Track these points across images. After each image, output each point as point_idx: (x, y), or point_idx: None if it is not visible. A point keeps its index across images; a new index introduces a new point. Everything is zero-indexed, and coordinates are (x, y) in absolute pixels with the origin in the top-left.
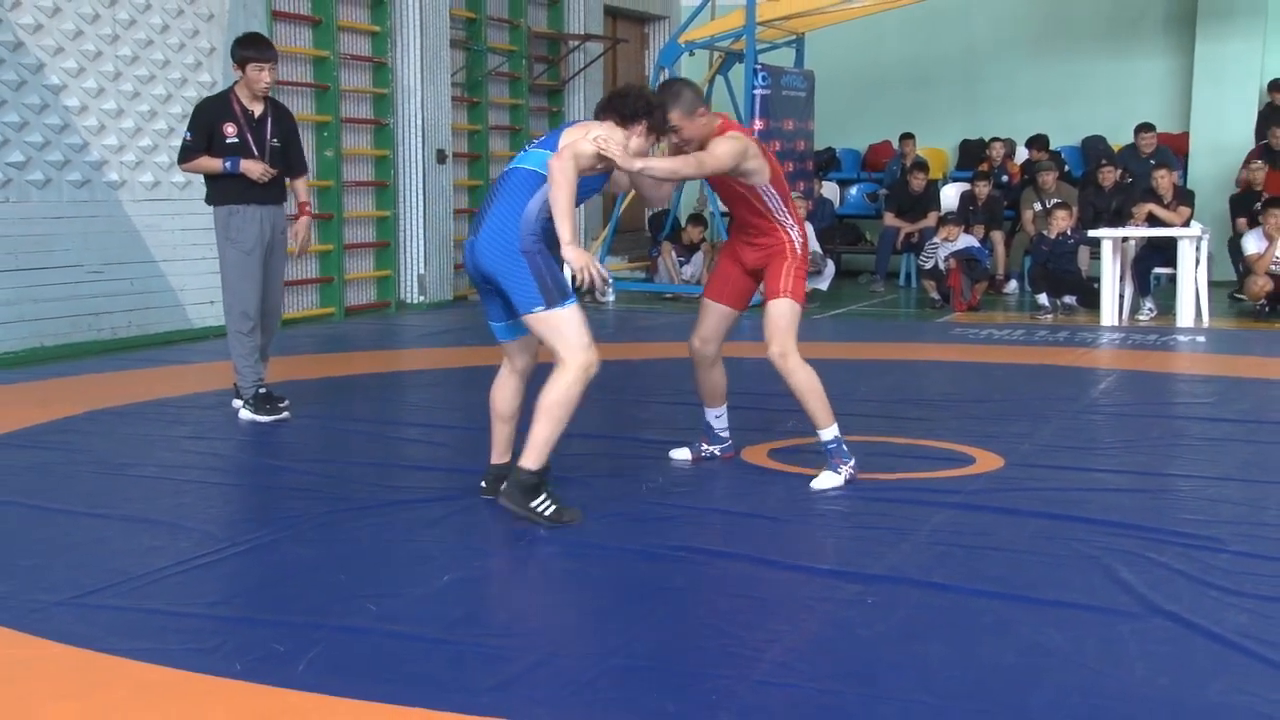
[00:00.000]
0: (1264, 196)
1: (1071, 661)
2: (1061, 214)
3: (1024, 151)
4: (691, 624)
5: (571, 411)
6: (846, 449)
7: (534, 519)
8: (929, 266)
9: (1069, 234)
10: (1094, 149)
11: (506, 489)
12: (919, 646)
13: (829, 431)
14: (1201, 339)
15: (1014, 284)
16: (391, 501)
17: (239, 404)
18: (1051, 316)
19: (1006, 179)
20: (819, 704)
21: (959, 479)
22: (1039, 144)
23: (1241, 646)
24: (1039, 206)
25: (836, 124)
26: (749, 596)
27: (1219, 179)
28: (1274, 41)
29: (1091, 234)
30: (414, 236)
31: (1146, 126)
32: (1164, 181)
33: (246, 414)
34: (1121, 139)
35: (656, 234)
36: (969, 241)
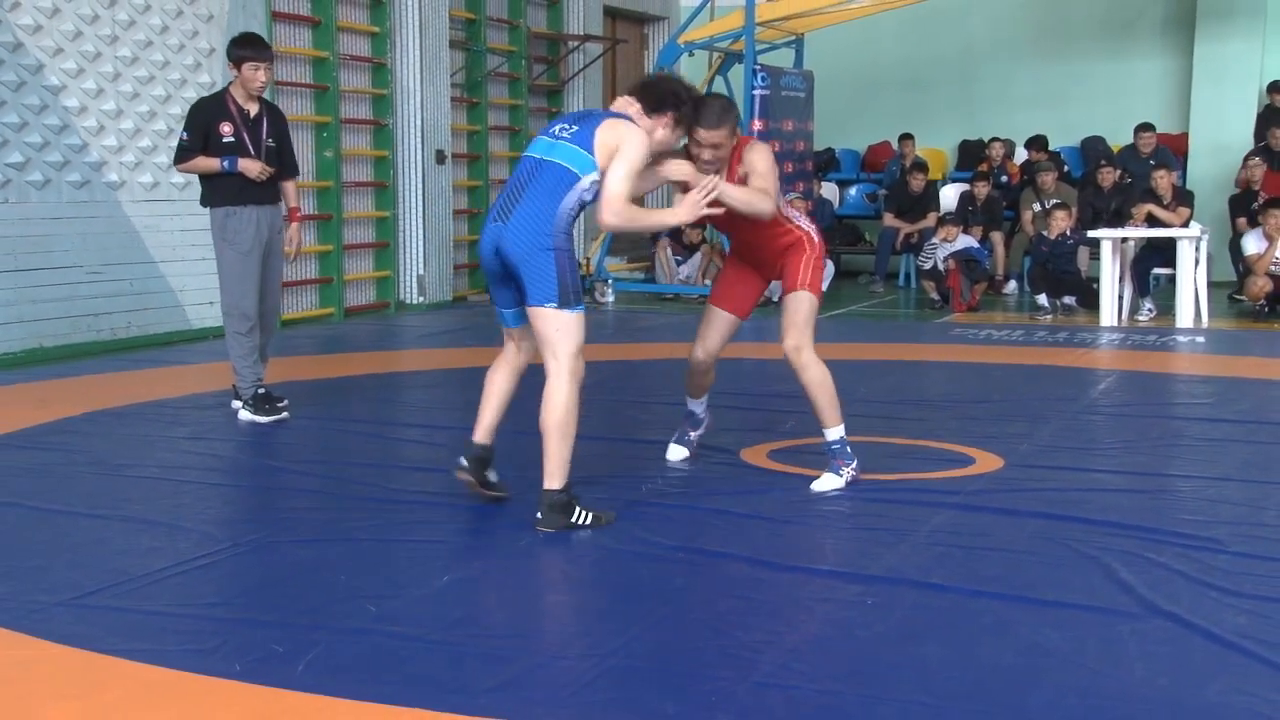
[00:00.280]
0: (1262, 197)
1: (1071, 662)
2: (1061, 214)
3: (1023, 152)
4: (691, 625)
5: (577, 420)
6: (850, 450)
7: (579, 529)
8: (928, 267)
9: (1068, 234)
10: (1093, 149)
11: (542, 517)
12: (918, 647)
13: (835, 431)
14: (1201, 339)
15: (1013, 284)
16: (391, 502)
17: (238, 405)
18: (1051, 317)
19: (1006, 179)
20: (818, 704)
21: (958, 479)
22: (1038, 144)
23: (1240, 647)
24: (1038, 207)
25: (836, 124)
26: (748, 597)
27: (1218, 179)
28: (1273, 42)
29: (1091, 234)
30: (413, 237)
31: (1146, 126)
32: (1163, 182)
33: (246, 415)
34: (1121, 139)
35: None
36: (968, 242)
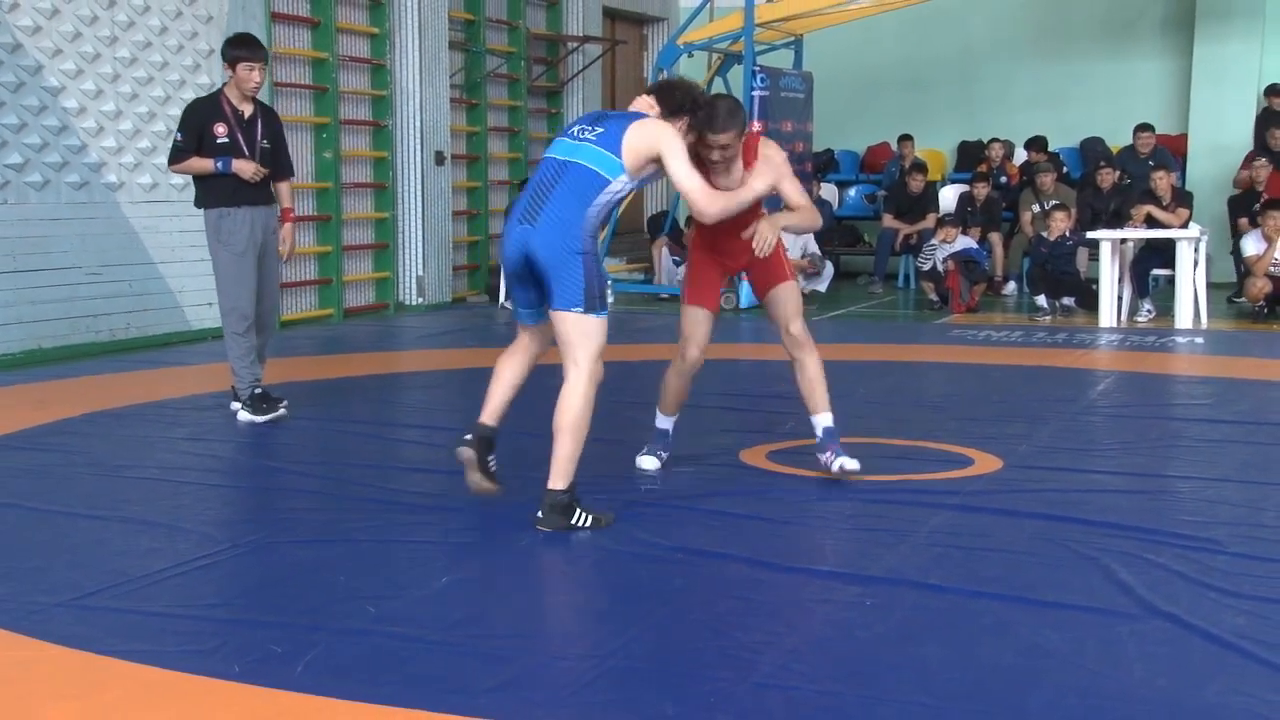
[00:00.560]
0: (1264, 198)
1: (1070, 663)
2: (1060, 215)
3: (1023, 153)
4: (690, 625)
5: (589, 424)
6: None
7: (579, 530)
8: (927, 268)
9: (1067, 235)
10: (1092, 150)
11: (543, 516)
12: (917, 648)
13: (831, 415)
14: (1200, 340)
15: (1012, 285)
16: (390, 503)
17: (237, 405)
18: (1050, 318)
19: (1005, 180)
20: (817, 705)
21: (957, 480)
22: (1037, 145)
23: (1239, 648)
24: (1037, 208)
25: (835, 125)
26: (747, 598)
27: (1218, 180)
28: (1272, 43)
29: (1090, 236)
30: (412, 238)
31: (1145, 127)
32: (1162, 183)
33: (244, 415)
34: (1120, 140)
35: (655, 235)
36: (967, 243)
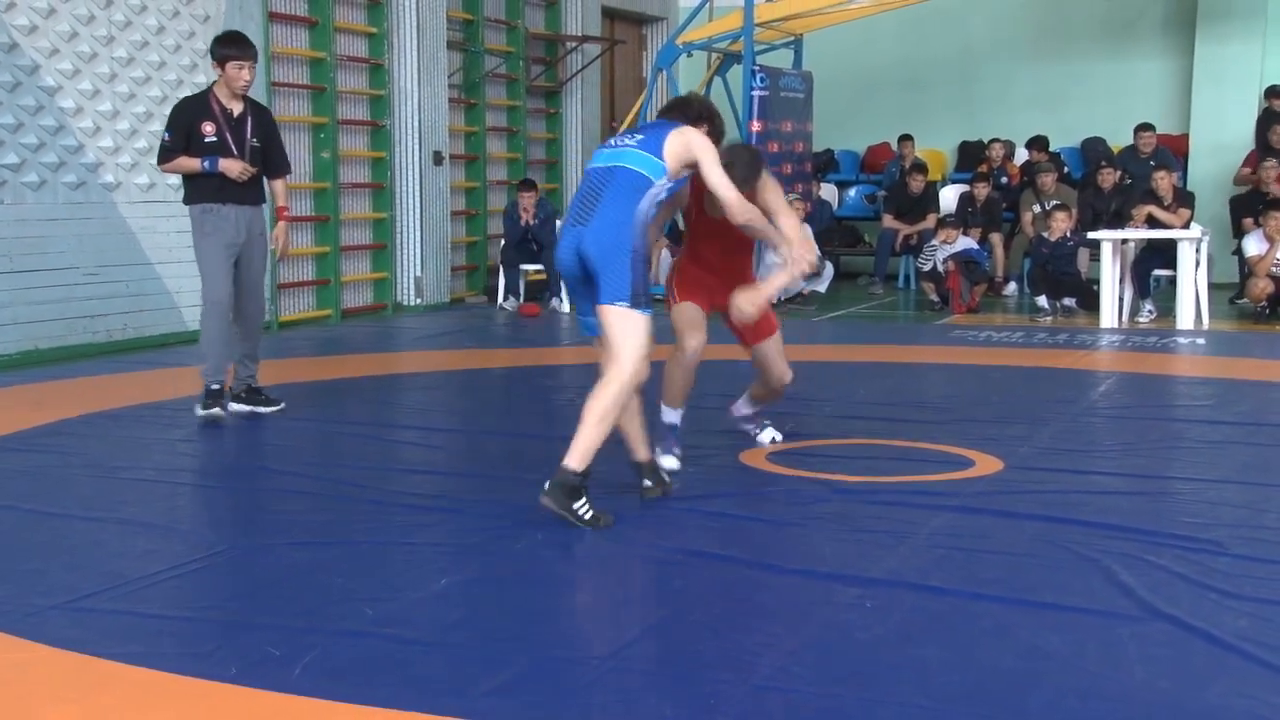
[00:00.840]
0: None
1: (1071, 665)
2: (1061, 216)
3: (1024, 152)
4: (689, 627)
5: (616, 418)
6: None
7: (572, 520)
8: (928, 268)
9: (1068, 236)
10: (1093, 150)
11: (548, 489)
12: (917, 650)
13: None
14: (1201, 341)
15: (1013, 286)
16: (388, 504)
17: (237, 406)
18: (1051, 319)
19: (1006, 180)
20: (817, 707)
21: (957, 482)
22: (1039, 145)
23: (1241, 650)
24: (1038, 208)
25: (835, 125)
26: (747, 600)
27: (1219, 181)
28: (1274, 43)
29: (1091, 236)
30: (411, 239)
31: (1146, 126)
32: (1164, 183)
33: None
34: (1121, 140)
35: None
36: (968, 244)
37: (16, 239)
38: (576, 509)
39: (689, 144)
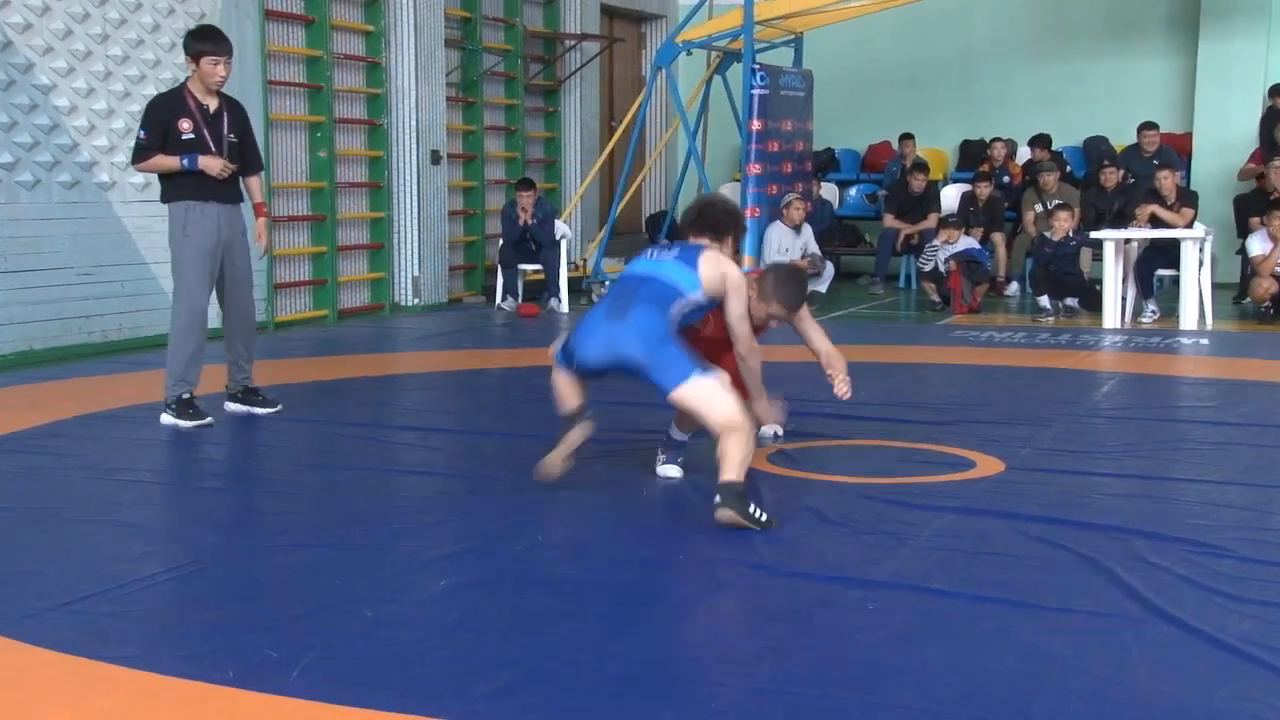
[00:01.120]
0: (1272, 196)
1: (1073, 667)
2: (1063, 215)
3: (1026, 151)
4: (690, 631)
5: (750, 445)
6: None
7: (751, 524)
8: (929, 268)
9: (1071, 235)
10: (1096, 149)
11: (722, 504)
12: (919, 652)
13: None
14: (1205, 341)
15: (1015, 286)
16: (386, 506)
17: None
18: (1053, 319)
19: (1008, 179)
20: (819, 711)
21: (959, 483)
22: (1041, 144)
23: (1245, 653)
24: (1040, 208)
25: (835, 124)
26: (747, 603)
27: (1223, 180)
28: (1278, 41)
29: (1094, 236)
30: (408, 238)
31: (1149, 125)
32: (1167, 183)
33: (167, 418)
34: (1124, 139)
35: (654, 235)
36: (969, 243)
37: (11, 239)
38: (753, 513)
39: (722, 276)
